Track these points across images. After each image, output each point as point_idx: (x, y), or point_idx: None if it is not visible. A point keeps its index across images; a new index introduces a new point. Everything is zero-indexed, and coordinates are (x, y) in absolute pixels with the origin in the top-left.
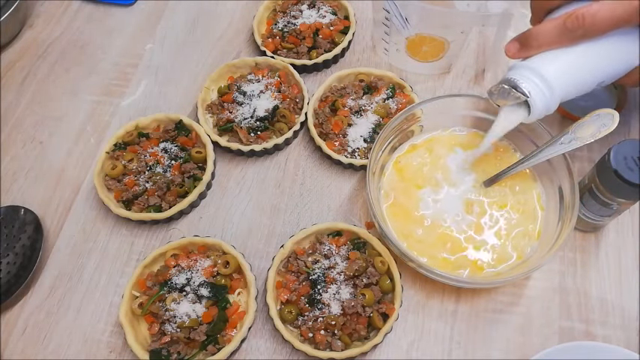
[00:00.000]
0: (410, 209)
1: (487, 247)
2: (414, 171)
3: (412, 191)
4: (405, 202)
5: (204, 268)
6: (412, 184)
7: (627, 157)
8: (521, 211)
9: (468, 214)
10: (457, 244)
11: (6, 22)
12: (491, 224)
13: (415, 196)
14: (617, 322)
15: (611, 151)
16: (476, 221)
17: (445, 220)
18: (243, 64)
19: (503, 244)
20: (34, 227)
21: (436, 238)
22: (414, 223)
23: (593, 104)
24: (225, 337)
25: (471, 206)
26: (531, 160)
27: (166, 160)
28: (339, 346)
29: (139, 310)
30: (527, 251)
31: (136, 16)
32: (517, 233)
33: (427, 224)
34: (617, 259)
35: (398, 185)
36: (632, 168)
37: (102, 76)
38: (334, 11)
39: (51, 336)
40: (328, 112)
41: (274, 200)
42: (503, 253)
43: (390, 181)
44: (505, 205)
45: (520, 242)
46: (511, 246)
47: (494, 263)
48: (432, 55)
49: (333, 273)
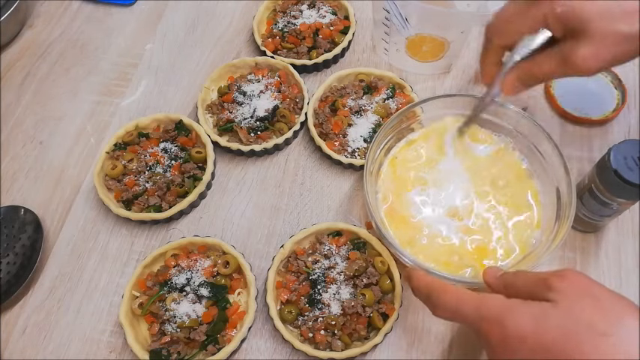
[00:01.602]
0: (405, 215)
1: (488, 242)
2: (405, 171)
3: (404, 192)
4: (399, 206)
5: (204, 268)
6: (403, 185)
7: (627, 157)
8: (515, 204)
9: (458, 219)
10: (462, 252)
11: (6, 22)
12: (482, 221)
13: (406, 199)
14: None
15: (611, 151)
16: (469, 222)
17: (441, 230)
18: (243, 64)
19: (505, 236)
20: (34, 227)
21: (439, 247)
22: (412, 229)
23: (593, 103)
24: (225, 337)
25: (463, 207)
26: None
27: (166, 160)
28: (339, 346)
29: (139, 310)
30: (533, 243)
31: (136, 16)
32: (515, 223)
33: (425, 233)
34: (617, 259)
35: (390, 186)
36: (632, 168)
37: (102, 76)
38: (334, 11)
39: (51, 336)
40: (328, 112)
41: (274, 200)
42: (507, 246)
43: (385, 181)
44: (499, 202)
45: (522, 234)
46: (512, 237)
47: (501, 258)
48: (432, 55)
49: (333, 273)
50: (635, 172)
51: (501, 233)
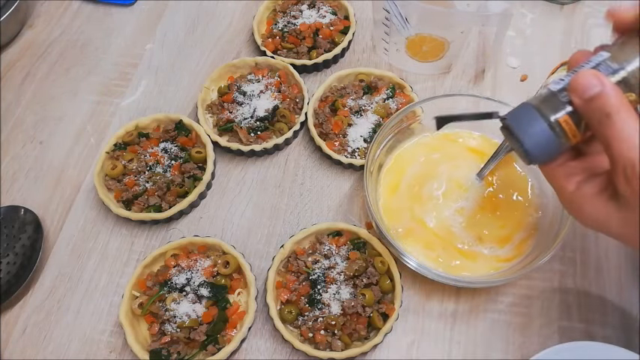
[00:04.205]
0: (410, 213)
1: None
2: (408, 173)
3: (408, 194)
4: (403, 205)
5: (204, 268)
6: (406, 187)
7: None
8: (515, 202)
9: (462, 216)
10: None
11: (6, 22)
12: (482, 221)
13: (411, 199)
14: (617, 322)
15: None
16: (471, 221)
17: (448, 227)
18: (243, 64)
19: (505, 234)
20: (34, 227)
21: (445, 245)
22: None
23: None
24: (225, 337)
25: (464, 205)
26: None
27: (166, 160)
28: (339, 346)
29: (139, 310)
30: (532, 242)
31: (136, 16)
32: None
33: (430, 227)
34: (616, 259)
35: (394, 186)
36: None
37: (102, 76)
38: (334, 11)
39: (51, 336)
40: (328, 112)
41: (274, 200)
42: (507, 243)
43: (386, 181)
44: (500, 202)
45: (522, 232)
46: (513, 235)
47: (501, 256)
48: (432, 55)
49: (333, 273)
50: None
51: (501, 232)
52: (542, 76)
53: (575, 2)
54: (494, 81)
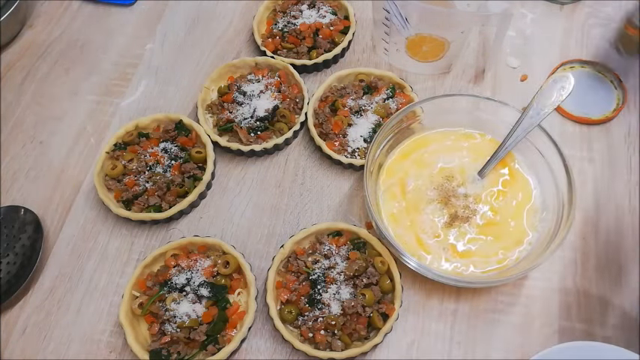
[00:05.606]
0: (410, 214)
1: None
2: (408, 173)
3: (407, 195)
4: (403, 206)
5: (204, 268)
6: (406, 187)
7: None
8: (515, 202)
9: (460, 219)
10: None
11: (6, 22)
12: (482, 220)
13: (409, 201)
14: (617, 322)
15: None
16: (469, 221)
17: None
18: (243, 64)
19: (506, 233)
20: (34, 227)
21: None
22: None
23: (593, 103)
24: (225, 337)
25: (463, 208)
26: (511, 140)
27: (166, 160)
28: (339, 346)
29: (139, 310)
30: (532, 242)
31: (136, 16)
32: (515, 222)
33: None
34: (616, 259)
35: (393, 186)
36: None
37: (102, 76)
38: (334, 11)
39: (51, 336)
40: (328, 112)
41: (274, 200)
42: (508, 243)
43: (386, 181)
44: (500, 201)
45: (522, 233)
46: (513, 234)
47: (502, 255)
48: (432, 55)
49: (333, 273)
50: None
51: (501, 232)
52: (542, 76)
53: (575, 2)
54: (494, 81)
